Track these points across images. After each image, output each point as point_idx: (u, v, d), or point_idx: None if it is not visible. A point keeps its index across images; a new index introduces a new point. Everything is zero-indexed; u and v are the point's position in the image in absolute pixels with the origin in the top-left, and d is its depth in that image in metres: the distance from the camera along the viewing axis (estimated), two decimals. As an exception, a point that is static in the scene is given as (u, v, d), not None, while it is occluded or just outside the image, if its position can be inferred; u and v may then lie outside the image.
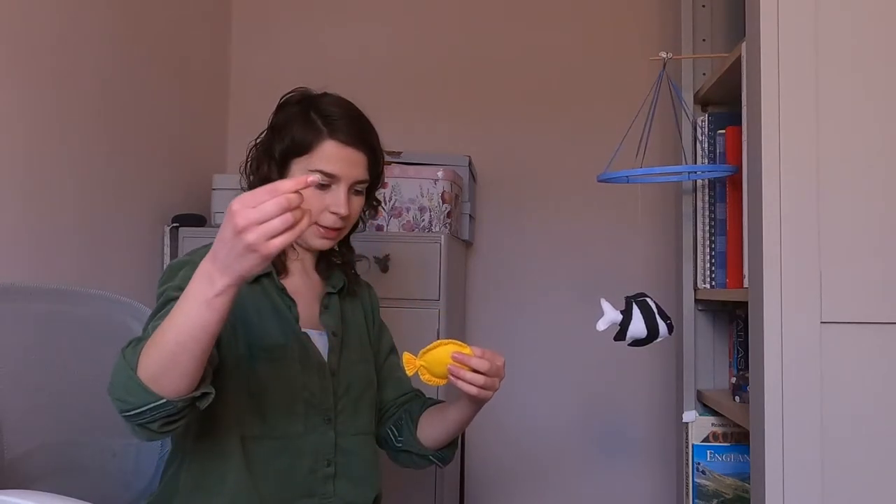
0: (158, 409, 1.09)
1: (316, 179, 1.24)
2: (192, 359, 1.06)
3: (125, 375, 1.09)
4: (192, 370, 1.08)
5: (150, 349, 1.07)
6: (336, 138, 1.36)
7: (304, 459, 1.34)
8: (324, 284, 1.47)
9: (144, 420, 1.10)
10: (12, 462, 1.23)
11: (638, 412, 2.45)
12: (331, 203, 1.36)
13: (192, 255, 1.34)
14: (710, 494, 1.83)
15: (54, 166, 1.72)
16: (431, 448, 1.47)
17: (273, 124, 1.41)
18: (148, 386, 1.07)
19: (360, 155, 1.39)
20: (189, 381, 1.09)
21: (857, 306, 1.26)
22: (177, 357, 1.06)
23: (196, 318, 1.04)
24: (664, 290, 2.05)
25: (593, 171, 1.72)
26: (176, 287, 1.23)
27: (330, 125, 1.36)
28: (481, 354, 1.29)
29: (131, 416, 1.10)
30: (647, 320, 1.43)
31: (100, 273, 1.85)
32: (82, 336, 1.44)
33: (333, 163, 1.36)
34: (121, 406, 1.10)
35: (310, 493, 1.35)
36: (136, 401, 1.08)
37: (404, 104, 2.52)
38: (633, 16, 2.48)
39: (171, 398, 1.08)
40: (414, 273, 2.02)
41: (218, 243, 1.02)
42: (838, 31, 1.28)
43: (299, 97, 1.42)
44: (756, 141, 1.31)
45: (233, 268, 1.01)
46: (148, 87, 2.07)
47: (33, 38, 1.65)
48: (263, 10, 2.58)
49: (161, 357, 1.06)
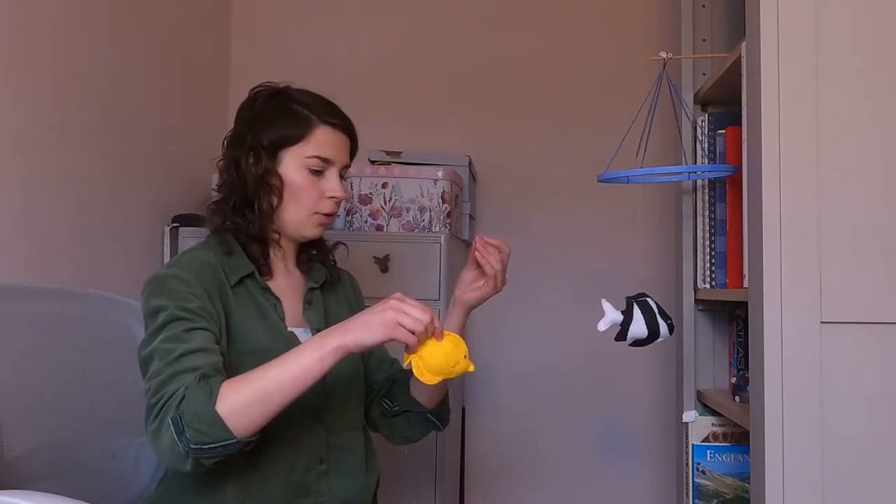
0: (228, 447, 1.15)
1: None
2: (279, 405, 1.17)
3: (203, 408, 1.14)
4: (272, 415, 1.18)
5: (242, 386, 1.16)
6: (328, 123, 1.40)
7: (298, 459, 1.35)
8: (305, 280, 1.48)
9: (208, 455, 1.15)
10: (12, 462, 1.23)
11: (638, 412, 2.45)
12: (327, 188, 1.40)
13: (175, 266, 1.33)
14: (710, 494, 1.83)
15: (54, 166, 1.72)
16: (427, 405, 1.49)
17: (253, 118, 1.40)
18: (225, 422, 1.13)
19: (346, 139, 1.44)
20: (261, 426, 1.18)
21: (857, 306, 1.26)
22: (270, 398, 1.16)
23: (303, 364, 1.17)
24: (664, 290, 2.05)
25: (593, 171, 1.72)
26: (179, 307, 1.25)
27: (318, 112, 1.40)
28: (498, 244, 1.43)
29: (202, 450, 1.14)
30: (647, 320, 1.43)
31: (100, 273, 1.85)
32: (82, 336, 1.44)
33: (327, 147, 1.40)
34: (198, 438, 1.13)
35: (305, 492, 1.36)
36: (215, 435, 1.14)
37: (404, 104, 2.52)
38: (633, 16, 2.48)
39: (240, 438, 1.15)
40: (414, 273, 2.02)
41: (358, 317, 1.21)
42: (838, 31, 1.28)
43: (271, 91, 1.43)
44: (756, 141, 1.31)
45: (357, 334, 1.19)
46: (148, 86, 2.07)
47: (32, 37, 1.65)
48: (263, 10, 2.58)
49: (254, 395, 1.16)
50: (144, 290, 1.31)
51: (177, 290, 1.28)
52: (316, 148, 1.39)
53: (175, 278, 1.29)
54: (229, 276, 1.36)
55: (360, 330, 1.19)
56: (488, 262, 1.42)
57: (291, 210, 1.40)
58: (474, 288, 1.46)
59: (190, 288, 1.29)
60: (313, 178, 1.39)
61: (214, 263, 1.36)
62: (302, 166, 1.39)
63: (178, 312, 1.24)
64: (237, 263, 1.38)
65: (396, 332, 1.19)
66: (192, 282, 1.30)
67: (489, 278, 1.44)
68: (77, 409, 1.39)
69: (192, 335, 1.23)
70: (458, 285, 1.49)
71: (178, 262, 1.35)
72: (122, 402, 1.47)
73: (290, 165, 1.39)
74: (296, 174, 1.39)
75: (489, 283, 1.44)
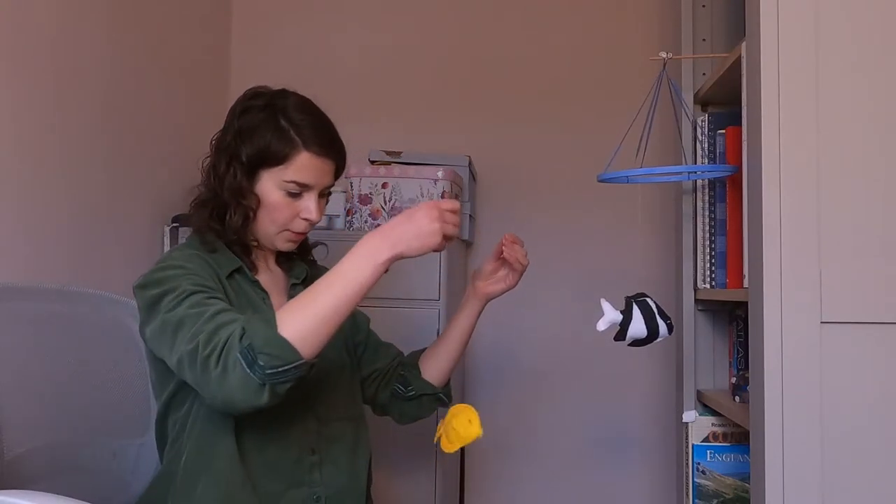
0: (299, 369, 1.17)
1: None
2: (338, 324, 1.21)
3: (270, 334, 1.16)
4: (332, 334, 1.21)
5: (297, 314, 1.18)
6: (311, 150, 1.37)
7: (290, 450, 1.36)
8: (287, 277, 1.49)
9: (285, 379, 1.16)
10: (12, 462, 1.23)
11: (638, 412, 2.45)
12: (302, 210, 1.39)
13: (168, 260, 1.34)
14: (710, 494, 1.83)
15: (54, 166, 1.72)
16: (439, 385, 1.58)
17: (239, 128, 1.39)
18: (293, 344, 1.16)
19: (331, 164, 1.41)
20: (322, 346, 1.21)
21: (857, 306, 1.26)
22: (328, 320, 1.19)
23: (361, 281, 1.20)
24: (664, 290, 2.05)
25: (593, 171, 1.72)
26: (192, 283, 1.27)
27: (303, 136, 1.36)
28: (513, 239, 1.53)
29: (276, 374, 1.15)
30: (647, 320, 1.43)
31: (100, 273, 1.85)
32: (82, 336, 1.44)
33: (308, 173, 1.37)
34: (270, 362, 1.14)
35: (298, 482, 1.37)
36: (286, 357, 1.15)
37: (404, 104, 2.52)
38: (633, 16, 2.48)
39: (306, 360, 1.18)
40: (414, 273, 2.02)
41: (401, 225, 1.23)
42: (838, 31, 1.28)
43: (264, 102, 1.40)
44: (756, 141, 1.31)
45: (408, 244, 1.23)
46: (148, 86, 2.07)
47: (31, 37, 1.65)
48: (263, 10, 2.58)
49: (313, 320, 1.18)
50: (141, 288, 1.31)
51: (180, 273, 1.29)
52: (295, 173, 1.36)
53: (173, 267, 1.31)
54: (220, 269, 1.37)
55: (412, 240, 1.23)
56: (516, 259, 1.52)
57: (263, 225, 1.40)
58: (497, 279, 1.54)
59: (192, 269, 1.31)
60: (289, 200, 1.38)
61: (204, 258, 1.37)
62: (279, 188, 1.37)
63: (193, 287, 1.26)
64: (223, 260, 1.39)
65: (442, 239, 1.25)
66: (193, 268, 1.32)
67: (513, 272, 1.53)
68: (77, 409, 1.39)
69: (215, 301, 1.25)
70: (477, 277, 1.55)
71: (169, 257, 1.36)
72: (122, 402, 1.47)
73: (266, 184, 1.37)
74: (271, 193, 1.37)
75: (512, 276, 1.54)
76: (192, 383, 1.22)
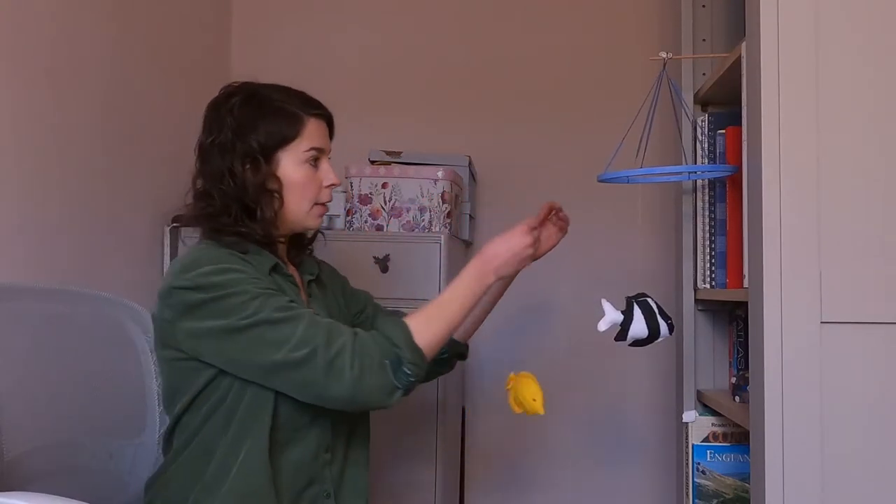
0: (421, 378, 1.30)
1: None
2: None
3: (413, 345, 1.28)
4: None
5: (434, 325, 1.31)
6: (314, 115, 1.42)
7: (309, 448, 1.37)
8: (299, 273, 1.49)
9: (414, 387, 1.29)
10: (11, 462, 1.23)
11: (638, 412, 2.45)
12: (325, 177, 1.44)
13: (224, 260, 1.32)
14: (710, 494, 1.83)
15: (54, 166, 1.72)
16: (464, 341, 1.68)
17: (237, 124, 1.38)
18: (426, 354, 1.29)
19: (326, 125, 1.47)
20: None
21: (857, 306, 1.26)
22: (453, 328, 1.35)
23: (473, 303, 1.37)
24: (664, 290, 2.05)
25: (593, 171, 1.72)
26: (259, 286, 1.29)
27: (301, 107, 1.41)
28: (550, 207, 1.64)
29: (415, 382, 1.28)
30: (648, 320, 1.43)
31: (99, 273, 1.85)
32: (81, 336, 1.44)
33: (318, 137, 1.43)
34: (416, 372, 1.27)
35: (313, 480, 1.38)
36: (424, 366, 1.30)
37: (404, 104, 2.52)
38: (633, 16, 2.48)
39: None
40: (414, 273, 2.02)
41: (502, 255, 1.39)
42: (838, 31, 1.28)
43: (245, 94, 1.41)
44: (756, 141, 1.31)
45: (507, 270, 1.40)
46: (148, 86, 2.07)
47: (32, 37, 1.65)
48: (263, 10, 2.58)
49: (447, 329, 1.33)
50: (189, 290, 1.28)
51: (242, 277, 1.29)
52: (310, 140, 1.41)
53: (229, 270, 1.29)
54: (260, 267, 1.36)
55: (513, 265, 1.41)
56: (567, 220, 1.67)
57: (294, 206, 1.40)
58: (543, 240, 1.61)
59: (249, 271, 1.32)
60: (312, 171, 1.41)
61: (243, 258, 1.34)
62: (302, 161, 1.40)
63: (258, 290, 1.28)
64: (258, 259, 1.37)
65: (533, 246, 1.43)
66: (249, 270, 1.32)
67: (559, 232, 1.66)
68: (75, 410, 1.39)
69: (295, 305, 1.31)
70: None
71: (209, 259, 1.32)
72: (120, 403, 1.47)
73: (288, 164, 1.39)
74: (296, 171, 1.39)
75: (556, 235, 1.66)
76: (292, 385, 1.27)
